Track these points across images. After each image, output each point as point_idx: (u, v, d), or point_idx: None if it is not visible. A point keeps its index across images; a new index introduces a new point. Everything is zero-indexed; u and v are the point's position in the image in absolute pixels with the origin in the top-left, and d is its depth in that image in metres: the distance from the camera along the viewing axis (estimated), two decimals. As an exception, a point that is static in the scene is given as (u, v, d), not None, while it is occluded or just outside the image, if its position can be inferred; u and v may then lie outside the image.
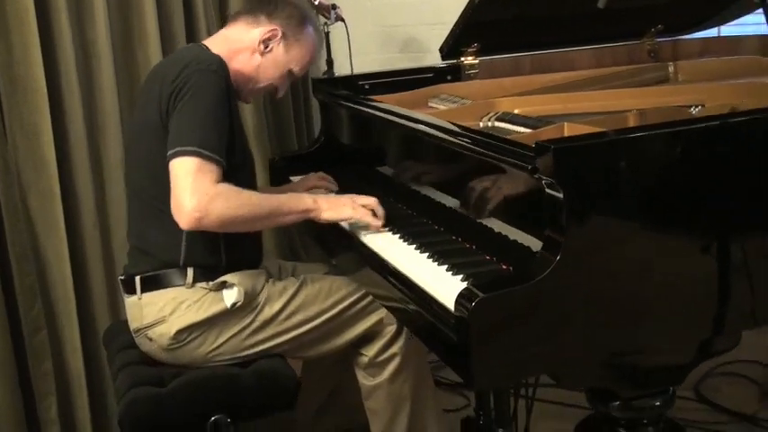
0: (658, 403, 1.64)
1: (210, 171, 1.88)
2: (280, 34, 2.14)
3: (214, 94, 1.94)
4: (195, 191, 1.84)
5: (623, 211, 1.50)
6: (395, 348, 2.12)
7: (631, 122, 2.05)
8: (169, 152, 1.90)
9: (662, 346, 1.57)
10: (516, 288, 1.46)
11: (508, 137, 1.88)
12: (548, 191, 1.51)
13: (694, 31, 3.00)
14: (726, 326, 1.58)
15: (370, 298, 2.11)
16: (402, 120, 2.12)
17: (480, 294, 1.45)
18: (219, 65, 1.99)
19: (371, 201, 2.06)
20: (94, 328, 2.73)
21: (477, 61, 2.82)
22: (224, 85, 1.97)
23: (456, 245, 1.89)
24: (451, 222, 2.00)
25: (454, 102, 2.52)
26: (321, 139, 2.74)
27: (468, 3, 2.57)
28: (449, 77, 2.79)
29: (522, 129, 2.14)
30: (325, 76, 3.06)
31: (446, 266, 1.74)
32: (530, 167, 1.52)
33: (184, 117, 1.92)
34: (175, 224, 1.94)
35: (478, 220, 1.88)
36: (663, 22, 2.92)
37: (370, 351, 2.13)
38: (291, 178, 2.63)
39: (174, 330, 2.03)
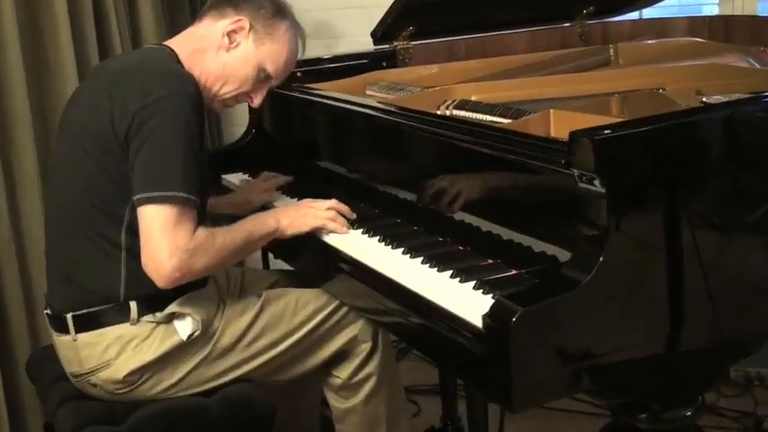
0: (690, 413, 1.52)
1: (189, 218, 1.66)
2: (248, 26, 1.84)
3: (190, 123, 1.67)
4: (175, 249, 1.62)
5: (669, 203, 1.38)
6: (370, 368, 1.92)
7: (614, 108, 1.95)
8: (141, 195, 1.64)
9: (705, 350, 1.45)
10: (560, 297, 1.31)
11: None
12: (584, 186, 1.35)
13: (623, 13, 2.94)
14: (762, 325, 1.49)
15: (342, 312, 1.91)
16: (371, 111, 1.94)
17: (520, 308, 1.29)
18: (193, 86, 1.73)
19: (332, 203, 1.90)
20: (13, 357, 2.39)
21: (411, 46, 2.64)
22: (198, 110, 1.71)
23: (447, 247, 1.72)
24: (428, 221, 1.83)
25: (399, 90, 2.34)
26: (251, 131, 2.50)
27: (410, -18, 2.41)
28: (384, 63, 2.60)
29: (491, 117, 1.99)
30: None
31: (449, 273, 1.57)
32: (563, 161, 1.37)
33: (160, 154, 1.65)
34: (113, 253, 1.72)
35: (465, 221, 1.72)
36: (594, 4, 2.84)
37: (343, 372, 1.92)
38: (223, 176, 2.38)
39: (122, 374, 1.76)
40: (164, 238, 1.62)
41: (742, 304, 1.47)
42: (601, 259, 1.32)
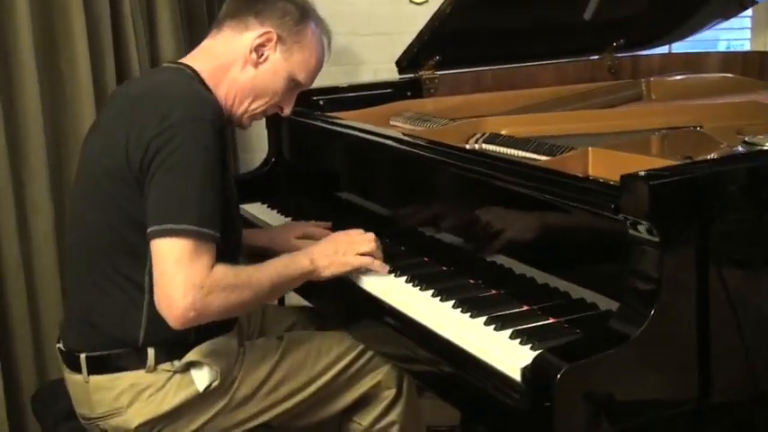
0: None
1: (206, 253, 1.52)
2: (275, 37, 1.72)
3: (209, 151, 1.56)
4: (190, 286, 1.49)
5: (725, 253, 1.29)
6: (393, 415, 1.82)
7: (654, 147, 1.86)
8: (155, 227, 1.52)
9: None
10: (607, 353, 1.22)
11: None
12: (635, 234, 1.26)
13: (653, 47, 2.87)
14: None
15: (366, 356, 1.81)
16: (399, 144, 1.86)
17: (565, 363, 1.20)
18: (213, 109, 1.62)
19: (371, 241, 1.76)
20: (17, 390, 2.29)
21: (437, 76, 2.57)
22: (219, 137, 1.60)
23: (479, 290, 1.63)
24: (457, 261, 1.74)
25: (425, 120, 2.26)
26: (271, 160, 2.42)
27: (439, 11, 2.35)
28: (409, 93, 2.53)
29: (524, 153, 1.91)
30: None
31: (483, 319, 1.48)
32: (612, 206, 1.28)
33: (175, 184, 1.53)
34: (135, 296, 1.62)
35: (497, 262, 1.64)
36: (624, 37, 2.76)
37: (365, 419, 1.82)
38: (242, 206, 2.30)
39: (134, 425, 1.65)
40: (177, 275, 1.50)
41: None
42: (652, 313, 1.23)
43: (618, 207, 1.27)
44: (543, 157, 1.85)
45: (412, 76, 2.55)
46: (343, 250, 1.73)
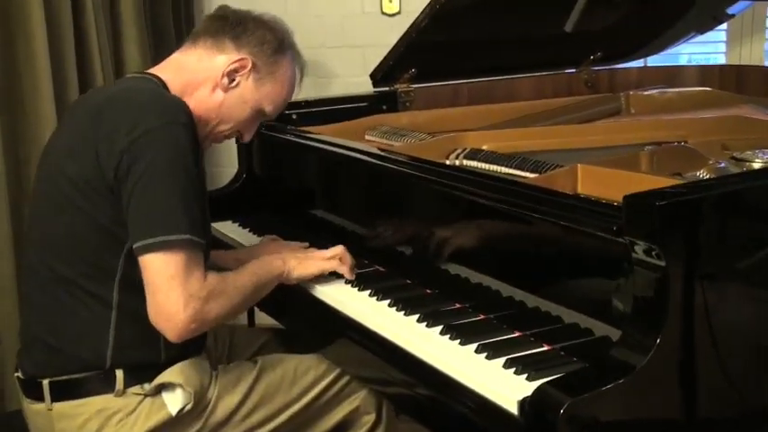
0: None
1: (198, 263, 1.49)
2: (249, 65, 1.65)
3: (189, 157, 1.50)
4: (188, 298, 1.46)
5: (731, 275, 1.22)
6: (372, 443, 1.75)
7: (644, 163, 1.80)
8: (144, 242, 1.45)
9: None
10: (613, 385, 1.14)
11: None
12: (639, 257, 1.19)
13: (630, 60, 2.83)
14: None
15: (344, 380, 1.73)
16: (378, 160, 1.79)
17: (568, 398, 1.13)
18: (185, 112, 1.55)
19: (339, 250, 1.74)
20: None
21: (413, 89, 2.50)
22: (193, 138, 1.53)
23: (468, 315, 1.55)
24: (442, 284, 1.66)
25: (402, 135, 2.18)
26: (242, 176, 2.32)
27: (415, 22, 2.28)
28: (384, 107, 2.45)
29: (507, 170, 1.84)
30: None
31: (474, 347, 1.40)
32: (614, 228, 1.21)
33: (158, 195, 1.46)
34: (102, 313, 1.53)
35: (484, 284, 1.56)
36: (601, 50, 2.72)
37: (343, 447, 1.74)
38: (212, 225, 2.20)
39: None
40: (174, 288, 1.45)
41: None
42: (658, 341, 1.16)
43: (620, 229, 1.20)
44: (528, 174, 1.78)
45: (387, 89, 2.47)
46: (312, 254, 1.74)
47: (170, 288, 1.45)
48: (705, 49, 3.16)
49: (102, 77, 2.45)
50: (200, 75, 1.66)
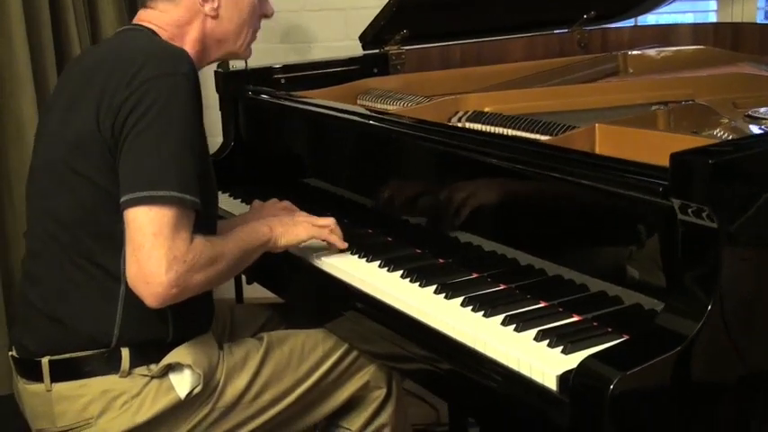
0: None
1: (187, 224, 1.37)
2: None
3: (188, 109, 1.40)
4: (172, 259, 1.33)
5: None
6: (384, 417, 1.68)
7: (661, 122, 1.73)
8: (131, 195, 1.35)
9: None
10: (665, 355, 1.07)
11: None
12: (688, 219, 1.11)
13: (622, 19, 2.75)
14: None
15: (353, 355, 1.65)
16: (382, 123, 1.69)
17: (618, 372, 1.05)
18: (187, 61, 1.45)
19: (329, 221, 1.66)
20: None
21: (404, 51, 2.40)
22: (196, 91, 1.43)
23: (488, 285, 1.46)
24: (458, 253, 1.57)
25: (398, 99, 2.09)
26: (230, 145, 2.21)
27: (407, -18, 2.17)
28: (375, 70, 2.35)
29: (516, 132, 1.76)
30: (223, 70, 2.45)
31: (500, 319, 1.31)
32: (660, 189, 1.13)
33: (151, 147, 1.36)
34: (110, 287, 1.43)
35: (499, 252, 1.48)
36: (594, 9, 2.63)
37: (354, 423, 1.67)
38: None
39: None
40: (157, 247, 1.33)
41: None
42: (709, 307, 1.09)
43: (667, 190, 1.12)
44: (539, 136, 1.70)
45: (377, 51, 2.37)
46: (298, 221, 1.64)
47: (153, 246, 1.33)
48: (696, 7, 3.09)
49: (79, 41, 2.32)
50: (183, 18, 1.58)
